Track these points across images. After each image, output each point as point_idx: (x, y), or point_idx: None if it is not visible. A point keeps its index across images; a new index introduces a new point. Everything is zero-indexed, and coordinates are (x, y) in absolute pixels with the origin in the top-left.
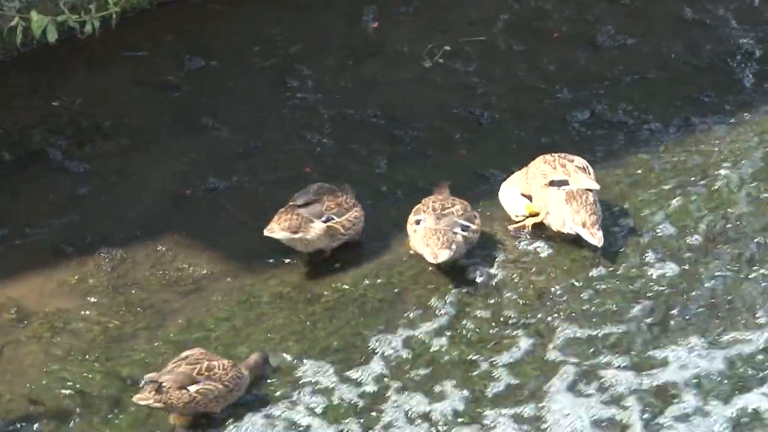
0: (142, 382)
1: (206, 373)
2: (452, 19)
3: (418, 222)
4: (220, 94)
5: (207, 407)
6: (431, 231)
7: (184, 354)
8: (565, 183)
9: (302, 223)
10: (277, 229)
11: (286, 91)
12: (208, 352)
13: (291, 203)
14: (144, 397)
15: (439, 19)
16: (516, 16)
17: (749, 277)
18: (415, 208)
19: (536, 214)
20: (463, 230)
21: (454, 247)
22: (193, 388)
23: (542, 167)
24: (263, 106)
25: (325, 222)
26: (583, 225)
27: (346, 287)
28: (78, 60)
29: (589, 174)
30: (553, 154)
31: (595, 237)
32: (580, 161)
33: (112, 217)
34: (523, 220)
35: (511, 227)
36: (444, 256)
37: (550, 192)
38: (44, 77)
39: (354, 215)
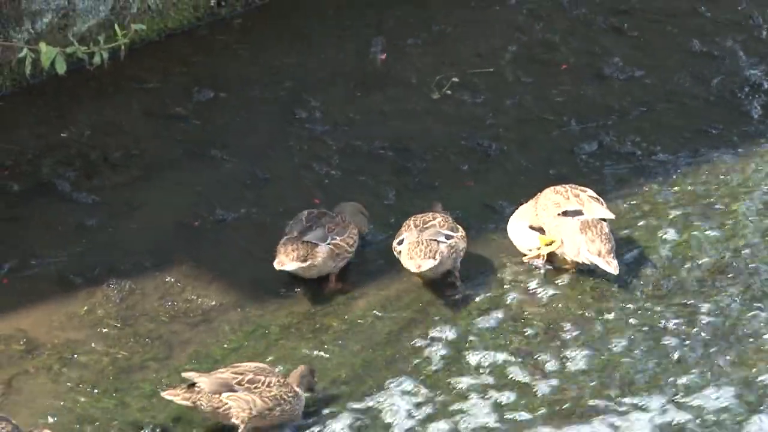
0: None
1: (247, 385)
2: (460, 50)
3: (400, 242)
4: (228, 126)
5: (236, 418)
6: (414, 244)
7: (240, 364)
8: (579, 213)
9: (309, 250)
10: (287, 262)
11: (295, 122)
12: (268, 368)
13: (288, 236)
14: (173, 393)
15: (447, 50)
16: (524, 47)
17: (758, 309)
18: (397, 232)
19: (551, 243)
20: (447, 239)
21: (438, 257)
22: (226, 395)
23: (554, 198)
24: (271, 137)
25: (329, 244)
26: (599, 254)
27: (355, 318)
28: (87, 91)
29: (602, 203)
30: (563, 185)
31: (611, 265)
32: (591, 192)
33: (120, 248)
34: (538, 251)
35: (525, 259)
36: (427, 265)
37: (564, 222)
38: (53, 108)
39: (354, 231)
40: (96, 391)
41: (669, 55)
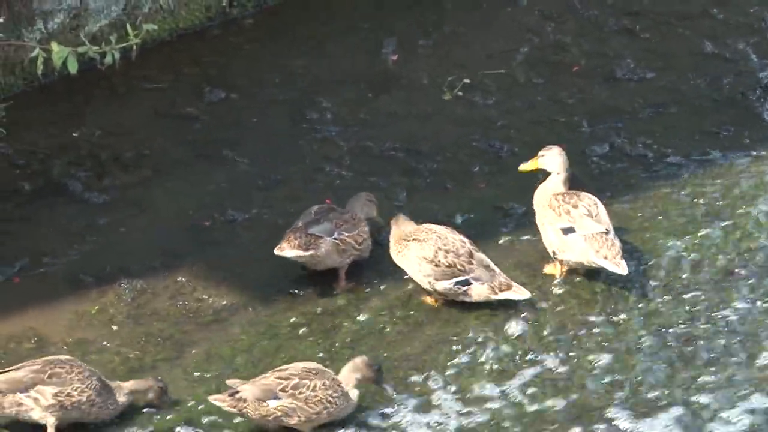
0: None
1: (291, 391)
2: (471, 52)
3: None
4: (239, 126)
5: (288, 424)
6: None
7: (287, 365)
8: (572, 230)
9: (312, 241)
10: (287, 248)
11: (306, 123)
12: (317, 367)
13: (294, 226)
14: (219, 398)
15: (459, 52)
16: (535, 49)
17: None
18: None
19: None
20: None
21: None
22: (272, 404)
23: (548, 213)
24: (283, 138)
25: (333, 238)
26: (605, 258)
27: (365, 319)
28: (98, 91)
29: (597, 213)
30: (558, 197)
31: (620, 266)
32: (587, 202)
33: (131, 248)
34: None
35: (547, 270)
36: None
37: (565, 237)
38: (64, 108)
39: (365, 230)
40: None
41: (680, 57)
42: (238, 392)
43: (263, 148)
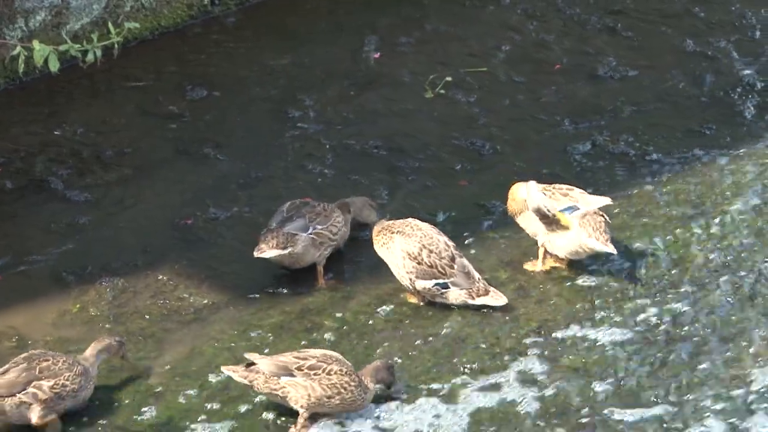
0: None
1: (306, 371)
2: (453, 50)
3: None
4: (221, 125)
5: (295, 403)
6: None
7: (308, 350)
8: (575, 209)
9: (289, 239)
10: (266, 249)
11: (288, 121)
12: (338, 357)
13: (268, 228)
14: (231, 368)
15: (441, 50)
16: (517, 47)
17: (751, 307)
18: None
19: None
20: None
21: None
22: (284, 379)
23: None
24: (265, 136)
25: (309, 234)
26: (597, 240)
27: (348, 316)
28: (80, 89)
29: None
30: (547, 188)
31: (610, 247)
32: (577, 189)
33: (113, 247)
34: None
35: (528, 266)
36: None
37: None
38: (46, 106)
39: (338, 219)
40: None
41: (662, 55)
42: (254, 364)
43: (245, 146)
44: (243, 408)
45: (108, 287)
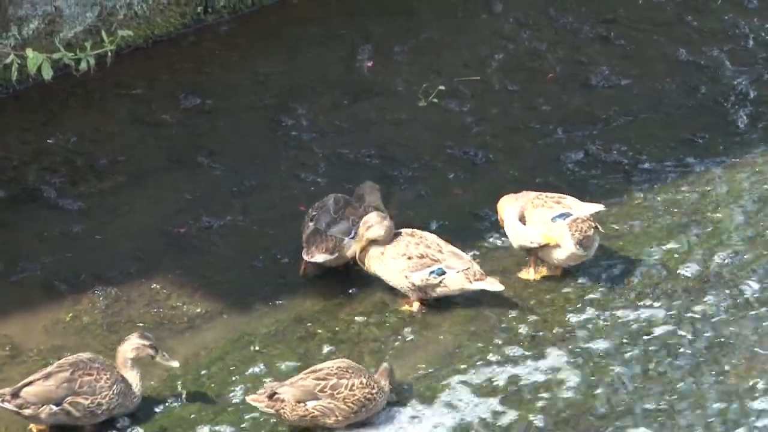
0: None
1: (329, 392)
2: (447, 59)
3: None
4: (214, 133)
5: (325, 424)
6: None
7: (322, 365)
8: (568, 215)
9: (337, 244)
10: (317, 254)
11: (281, 129)
12: (351, 365)
13: (315, 226)
14: (256, 399)
15: (434, 59)
16: (510, 56)
17: (743, 318)
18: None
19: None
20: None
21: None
22: (311, 404)
23: (537, 212)
24: (258, 144)
25: (352, 237)
26: (579, 243)
27: (341, 325)
28: (73, 97)
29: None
30: (539, 196)
31: (586, 249)
32: (570, 198)
33: (106, 255)
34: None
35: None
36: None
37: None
38: (39, 114)
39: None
40: None
41: (655, 64)
42: (276, 393)
43: (238, 155)
44: (239, 417)
45: (101, 296)
